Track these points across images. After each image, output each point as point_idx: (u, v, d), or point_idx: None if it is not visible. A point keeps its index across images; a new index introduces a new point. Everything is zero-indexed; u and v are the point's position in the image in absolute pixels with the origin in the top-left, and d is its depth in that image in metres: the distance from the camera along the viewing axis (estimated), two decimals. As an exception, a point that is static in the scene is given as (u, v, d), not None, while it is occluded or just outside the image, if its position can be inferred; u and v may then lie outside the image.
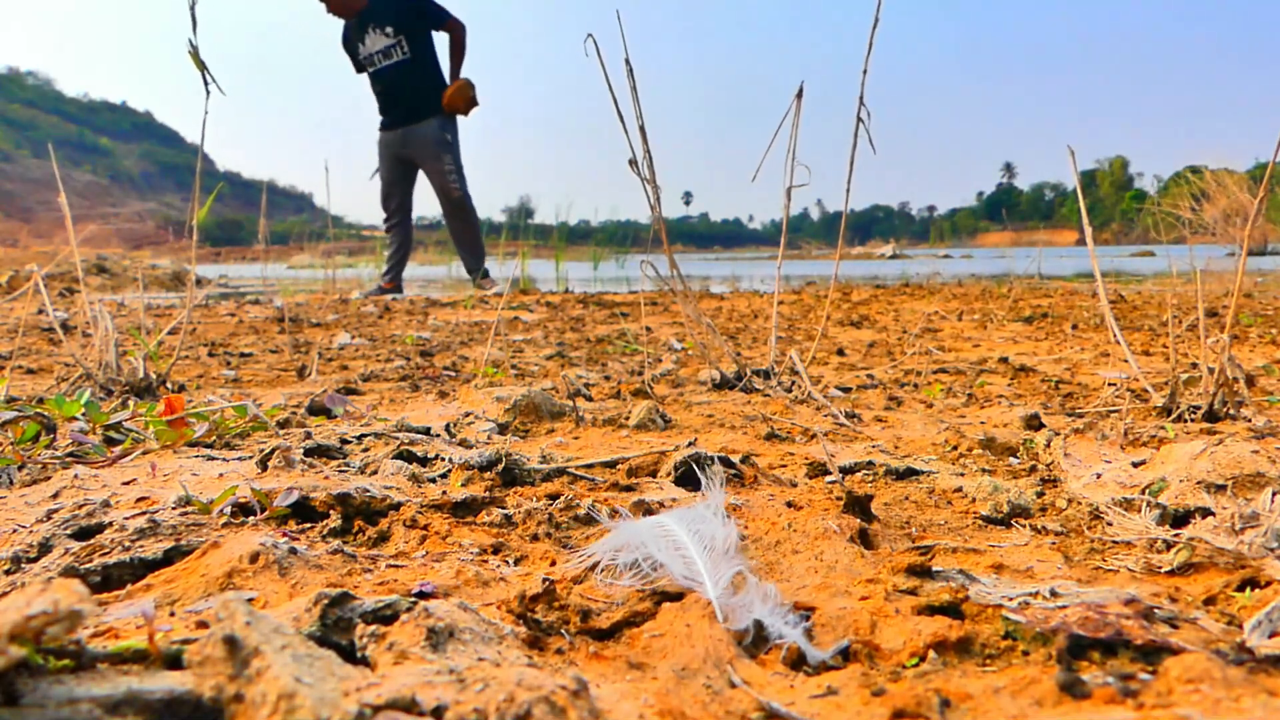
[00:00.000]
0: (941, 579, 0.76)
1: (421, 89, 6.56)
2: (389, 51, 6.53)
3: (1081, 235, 1.84)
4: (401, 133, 6.63)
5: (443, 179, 6.63)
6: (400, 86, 6.54)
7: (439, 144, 6.57)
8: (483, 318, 4.25)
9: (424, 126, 6.57)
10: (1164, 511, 0.93)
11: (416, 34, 6.52)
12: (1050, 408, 1.73)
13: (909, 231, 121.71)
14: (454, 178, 6.65)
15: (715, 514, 0.82)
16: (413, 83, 6.54)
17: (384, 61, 6.55)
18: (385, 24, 6.47)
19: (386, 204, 6.88)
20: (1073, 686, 0.54)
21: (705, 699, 0.56)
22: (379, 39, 6.51)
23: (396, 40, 6.50)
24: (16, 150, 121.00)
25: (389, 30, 6.48)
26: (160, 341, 2.16)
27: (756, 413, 1.65)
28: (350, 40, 6.65)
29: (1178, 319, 2.98)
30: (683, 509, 0.84)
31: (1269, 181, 1.41)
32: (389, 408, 1.77)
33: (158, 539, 0.83)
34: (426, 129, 6.57)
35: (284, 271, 12.28)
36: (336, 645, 0.57)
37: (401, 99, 6.56)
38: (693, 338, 2.80)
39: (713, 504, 0.85)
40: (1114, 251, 22.99)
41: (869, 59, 1.82)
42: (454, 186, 6.64)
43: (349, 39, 6.65)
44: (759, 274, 10.24)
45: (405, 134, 6.62)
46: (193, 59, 1.77)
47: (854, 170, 1.88)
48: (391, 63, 6.54)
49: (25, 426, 1.24)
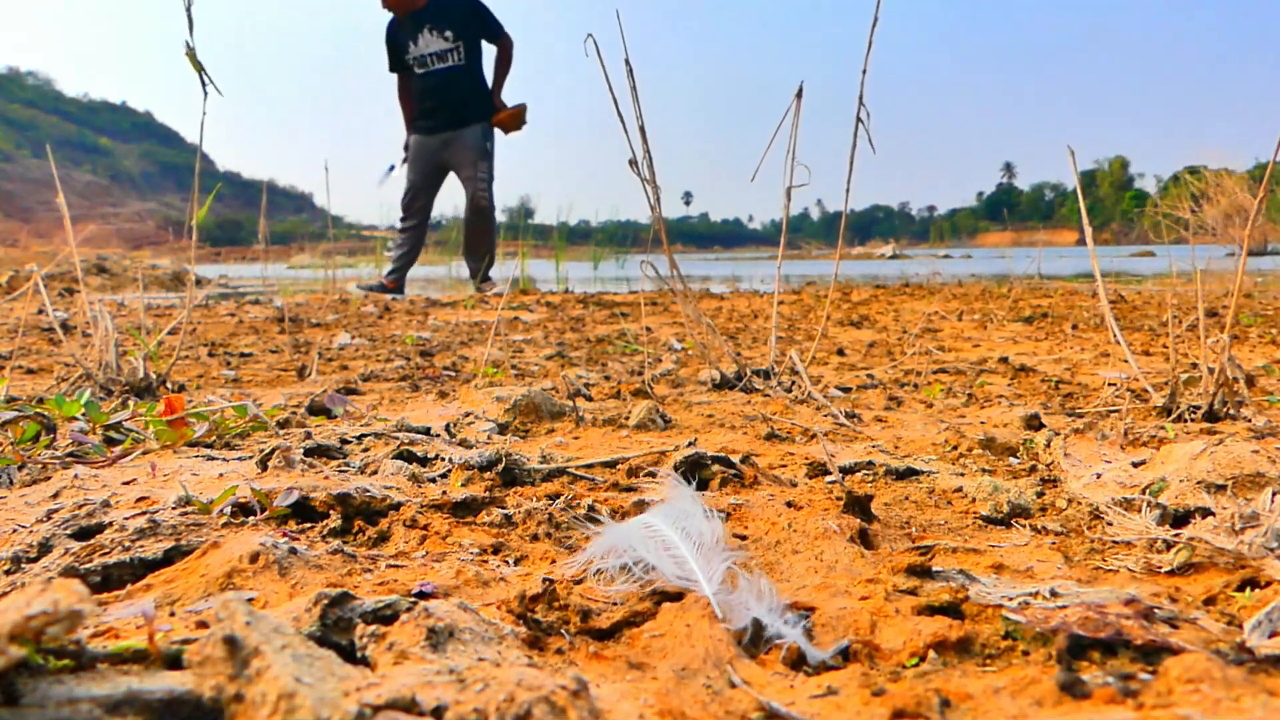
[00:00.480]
0: (941, 579, 0.76)
1: (470, 97, 6.54)
2: (444, 55, 6.48)
3: (1081, 235, 1.84)
4: (444, 137, 6.58)
5: (476, 186, 6.60)
6: (450, 92, 6.50)
7: (480, 152, 6.56)
8: (483, 318, 4.25)
9: (469, 132, 6.56)
10: (1164, 511, 0.93)
11: (473, 42, 6.51)
12: (1050, 408, 1.73)
13: (909, 231, 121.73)
14: (486, 186, 6.65)
15: (695, 506, 0.82)
16: (463, 89, 6.51)
17: (437, 65, 6.50)
18: (445, 27, 6.42)
19: (410, 206, 6.82)
20: (1073, 686, 0.54)
21: (705, 699, 0.56)
22: (435, 41, 6.45)
23: (454, 45, 6.46)
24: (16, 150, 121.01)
25: (448, 35, 6.43)
26: (160, 341, 2.16)
27: (756, 413, 1.65)
28: (398, 37, 6.52)
29: (1178, 319, 2.98)
30: (666, 506, 0.84)
31: (1269, 181, 1.41)
32: (389, 408, 1.77)
33: (158, 539, 0.83)
34: (471, 135, 6.56)
35: (284, 271, 12.28)
36: (336, 645, 0.57)
37: (450, 104, 6.52)
38: (693, 338, 2.81)
39: (689, 495, 0.85)
40: (1114, 252, 22.99)
41: (869, 59, 1.82)
42: (485, 195, 6.63)
43: (397, 35, 6.52)
44: (759, 274, 10.24)
45: (448, 139, 6.58)
46: (190, 60, 1.77)
47: (854, 170, 1.88)
48: (445, 67, 6.50)
49: (25, 426, 1.24)
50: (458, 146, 6.59)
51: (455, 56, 6.48)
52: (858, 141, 1.82)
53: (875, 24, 1.81)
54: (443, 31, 6.43)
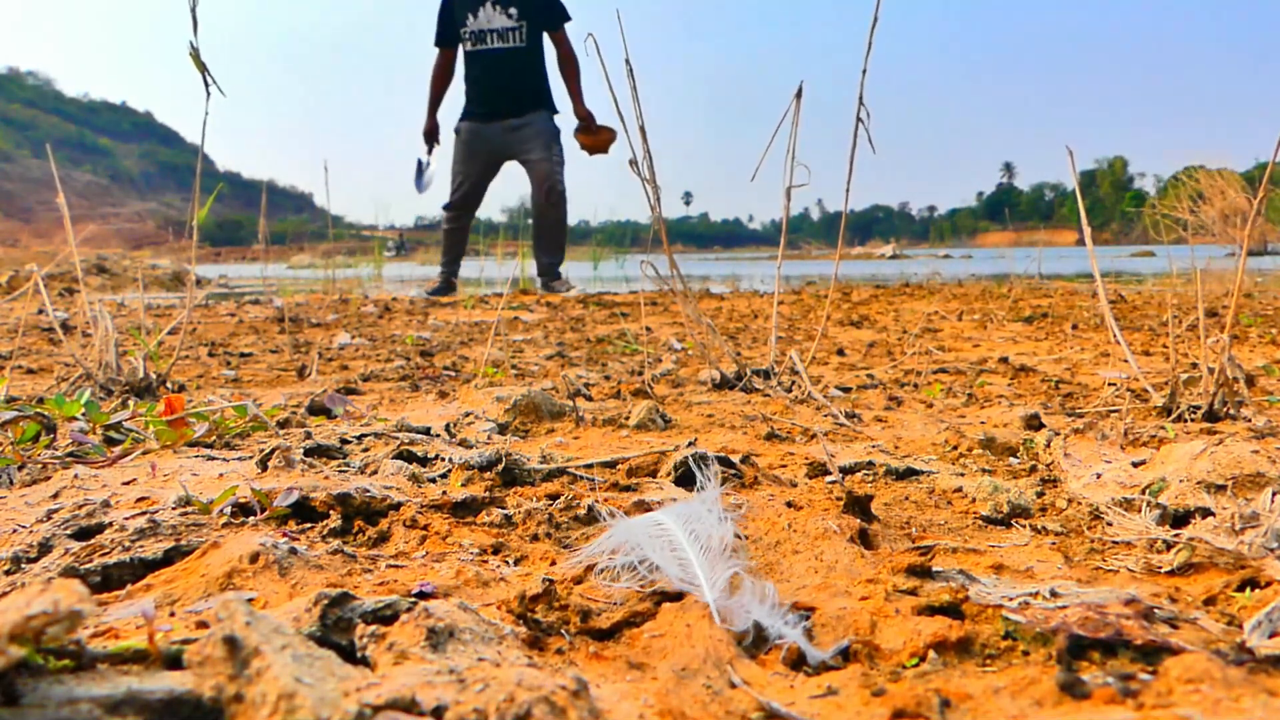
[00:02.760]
0: (941, 579, 0.76)
1: (534, 82, 6.16)
2: (506, 35, 6.07)
3: (1081, 235, 1.84)
4: (507, 124, 6.14)
5: (550, 170, 6.19)
6: (512, 75, 6.09)
7: (552, 135, 6.21)
8: (483, 318, 4.25)
9: (537, 117, 6.18)
10: (1164, 511, 0.93)
11: (536, 27, 6.09)
12: (1050, 408, 1.73)
13: (909, 231, 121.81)
14: (560, 170, 6.27)
15: (711, 511, 0.82)
16: (526, 74, 6.11)
17: (497, 43, 6.08)
18: (510, 4, 6.02)
19: (466, 199, 6.37)
20: (1073, 686, 0.54)
21: (705, 699, 0.56)
22: (498, 17, 6.04)
23: (519, 25, 6.04)
24: (16, 150, 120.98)
25: (512, 12, 6.03)
26: (160, 341, 2.16)
27: (756, 413, 1.65)
28: (454, 7, 6.12)
29: (1178, 319, 2.98)
30: (679, 505, 0.84)
31: (1268, 181, 1.41)
32: (389, 408, 1.77)
33: (158, 539, 0.83)
34: (539, 120, 6.19)
35: (284, 271, 12.28)
36: (336, 645, 0.57)
37: (511, 88, 6.10)
38: (693, 338, 2.80)
39: (708, 499, 0.84)
40: (1114, 251, 23.00)
41: (869, 58, 1.82)
42: (560, 179, 6.27)
43: (453, 6, 6.12)
44: (759, 274, 10.24)
45: (512, 125, 6.14)
46: (193, 60, 1.77)
47: (854, 170, 1.88)
48: (506, 47, 6.09)
49: (25, 426, 1.24)
50: (526, 132, 6.15)
51: (517, 37, 6.05)
52: (858, 141, 1.82)
53: (875, 24, 1.81)
54: (507, 8, 6.02)
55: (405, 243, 30.66)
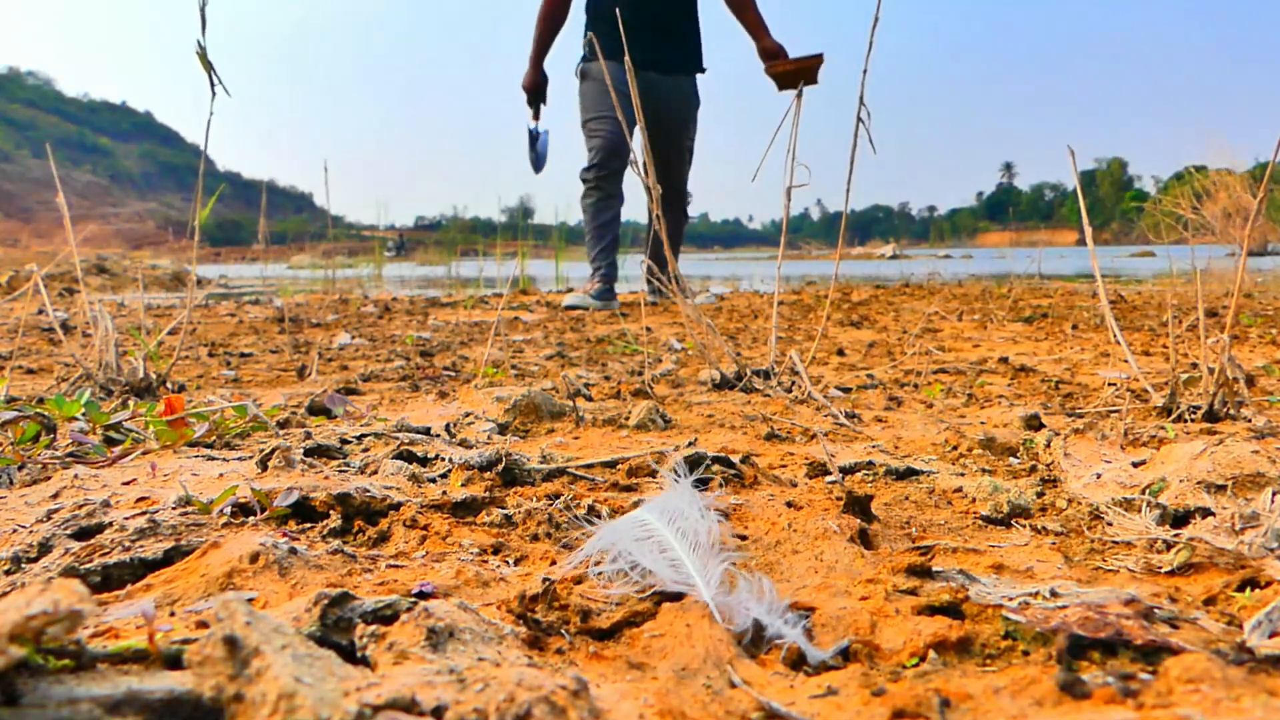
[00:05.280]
0: (941, 579, 0.76)
1: (692, 36, 5.02)
2: None
3: (1081, 235, 1.84)
4: (650, 78, 4.71)
5: (681, 151, 5.02)
6: (671, 20, 4.89)
7: (693, 112, 5.07)
8: (483, 318, 4.25)
9: (687, 80, 5.05)
10: (1164, 511, 0.93)
11: None
12: (1050, 408, 1.73)
13: (909, 231, 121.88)
14: (690, 155, 5.11)
15: (691, 503, 0.81)
16: (682, 22, 4.95)
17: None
18: None
19: (611, 162, 4.86)
20: (1073, 686, 0.54)
21: (705, 699, 0.56)
22: None
23: None
24: (16, 150, 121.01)
25: None
26: (160, 341, 2.16)
27: (756, 413, 1.65)
28: None
29: (1178, 319, 2.98)
30: (659, 501, 0.83)
31: (1269, 181, 1.41)
32: (389, 408, 1.77)
33: (158, 539, 0.83)
34: (689, 84, 5.06)
35: (284, 271, 12.28)
36: (336, 645, 0.57)
37: (671, 36, 4.89)
38: (693, 338, 2.80)
39: (683, 492, 0.83)
40: (1114, 251, 23.00)
41: (869, 58, 1.82)
42: (688, 165, 5.13)
43: None
44: (759, 274, 10.24)
45: (658, 80, 4.82)
46: (200, 60, 1.77)
47: (854, 170, 1.88)
48: None
49: (25, 426, 1.24)
50: (672, 92, 4.91)
51: None
52: (858, 141, 1.82)
53: (875, 24, 1.81)
54: None
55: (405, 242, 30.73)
